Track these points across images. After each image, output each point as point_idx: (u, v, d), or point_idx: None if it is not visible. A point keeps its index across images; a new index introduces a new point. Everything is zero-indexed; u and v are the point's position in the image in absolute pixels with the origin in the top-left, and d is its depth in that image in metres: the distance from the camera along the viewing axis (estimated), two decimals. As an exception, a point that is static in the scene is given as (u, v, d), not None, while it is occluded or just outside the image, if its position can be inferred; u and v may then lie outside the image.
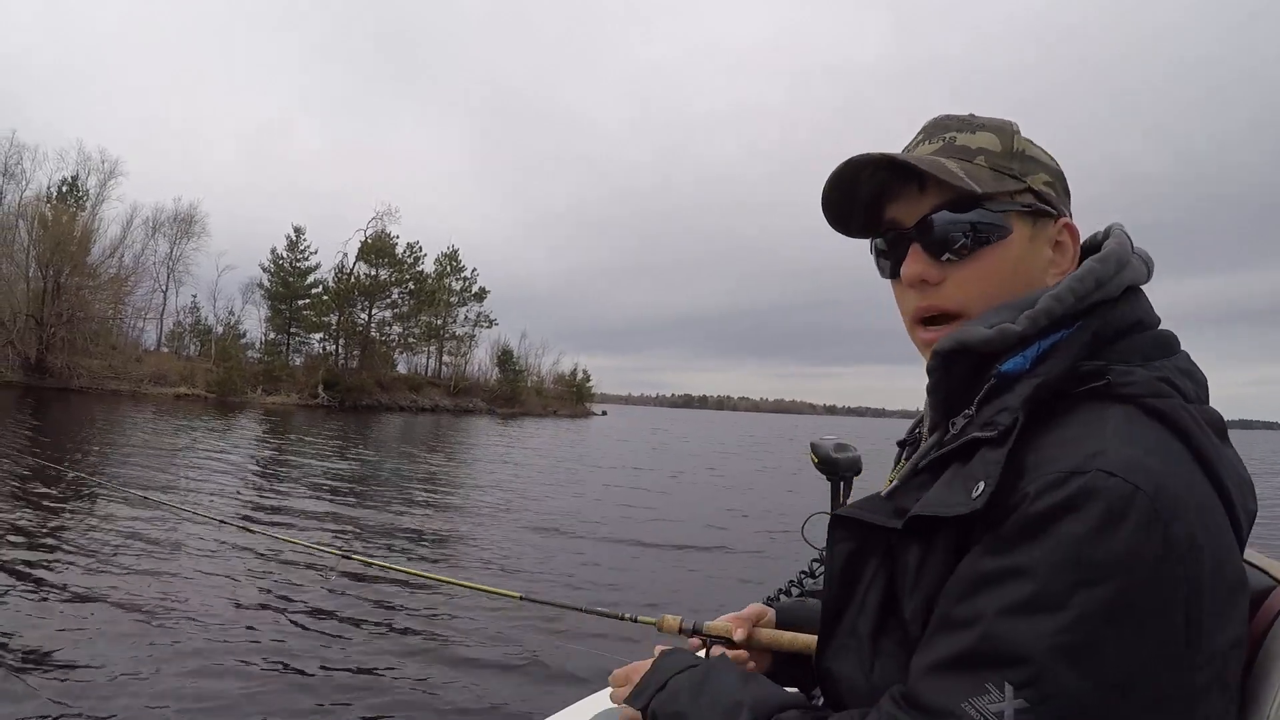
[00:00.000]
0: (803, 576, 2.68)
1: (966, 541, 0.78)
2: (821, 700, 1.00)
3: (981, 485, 0.78)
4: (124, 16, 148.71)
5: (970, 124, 0.94)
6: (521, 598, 2.13)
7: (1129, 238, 0.93)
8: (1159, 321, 0.90)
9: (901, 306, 0.98)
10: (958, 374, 0.90)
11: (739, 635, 1.23)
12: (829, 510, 2.21)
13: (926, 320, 0.95)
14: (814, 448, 2.41)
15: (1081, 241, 0.95)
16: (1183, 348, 0.90)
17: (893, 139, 0.99)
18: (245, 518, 10.30)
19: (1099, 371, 0.81)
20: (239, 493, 13.15)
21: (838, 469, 2.37)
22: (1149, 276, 0.92)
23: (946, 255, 0.91)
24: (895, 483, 0.95)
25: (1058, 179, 0.94)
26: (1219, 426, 0.83)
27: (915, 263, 0.92)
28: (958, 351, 0.89)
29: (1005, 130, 0.93)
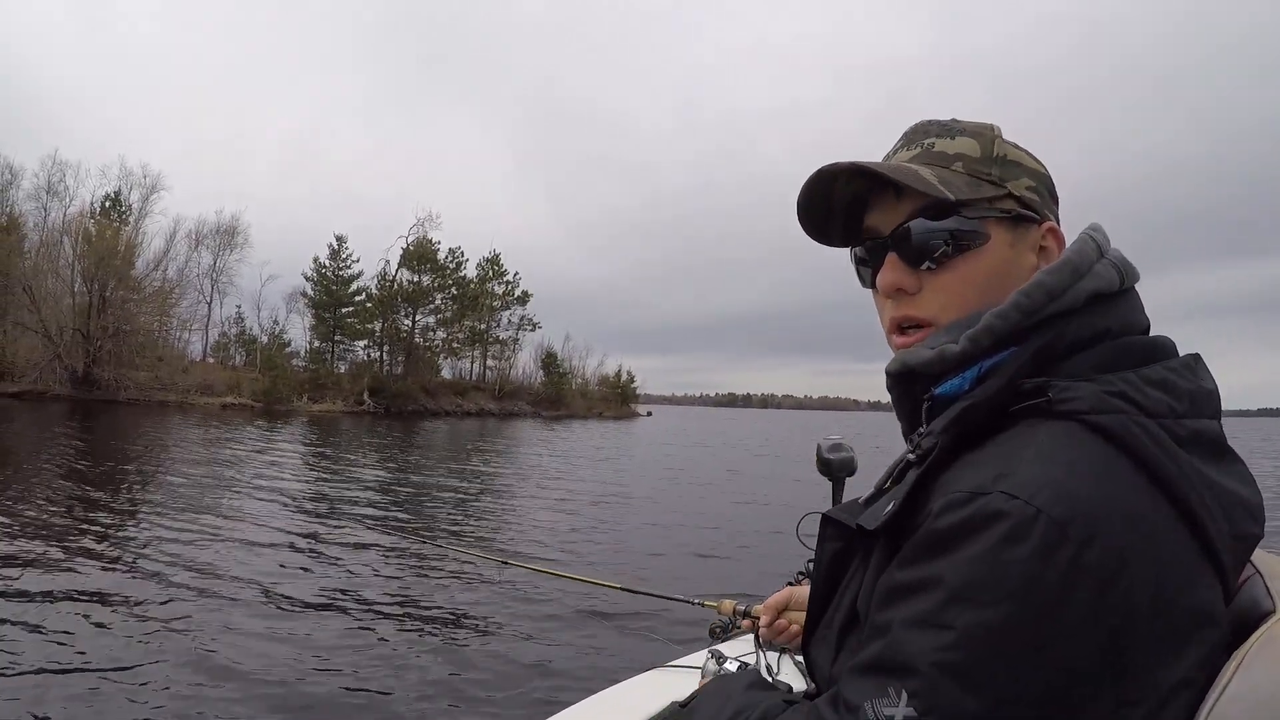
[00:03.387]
0: (800, 578, 2.60)
1: (895, 553, 0.80)
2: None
3: (891, 506, 0.80)
4: (158, 33, 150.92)
5: (950, 129, 0.92)
6: (621, 588, 2.36)
7: (1098, 241, 0.88)
8: (1144, 327, 0.86)
9: (880, 315, 0.97)
10: (910, 394, 0.91)
11: (763, 620, 1.42)
12: (822, 511, 2.05)
13: (904, 328, 0.93)
14: (817, 448, 2.48)
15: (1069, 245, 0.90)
16: (1197, 344, 0.86)
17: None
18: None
19: (1040, 388, 0.78)
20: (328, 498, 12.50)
21: (831, 470, 2.44)
22: (1123, 283, 0.86)
23: (924, 264, 0.90)
24: (872, 490, 0.98)
25: (1042, 182, 0.91)
26: (1208, 443, 0.80)
27: (891, 271, 0.91)
28: (904, 374, 0.90)
29: (985, 135, 0.91)
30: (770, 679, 1.64)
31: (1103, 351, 0.81)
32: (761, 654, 1.72)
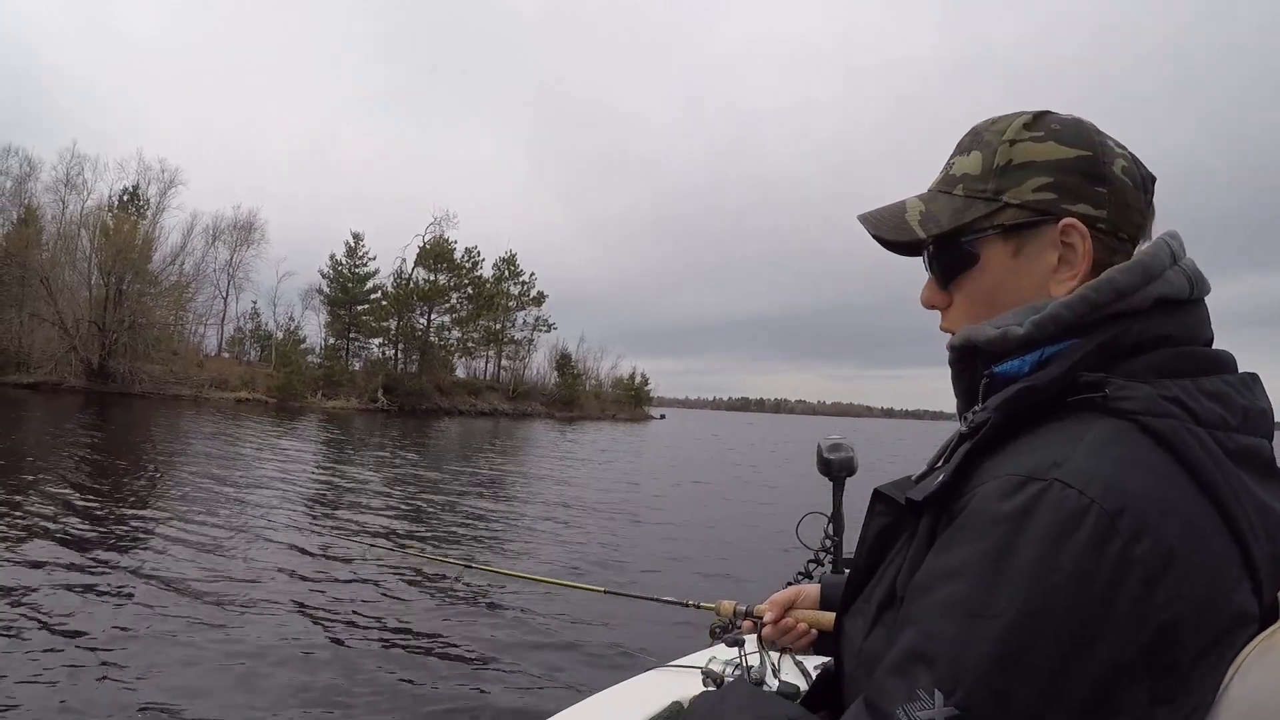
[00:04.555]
0: (800, 578, 2.60)
1: (938, 529, 0.80)
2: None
3: (942, 478, 0.81)
4: (169, 28, 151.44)
5: (975, 141, 0.93)
6: (605, 591, 2.29)
7: (1173, 248, 0.87)
8: (1205, 339, 0.86)
9: None
10: (970, 370, 0.93)
11: (767, 617, 1.35)
12: (823, 511, 2.50)
13: None
14: (818, 448, 2.48)
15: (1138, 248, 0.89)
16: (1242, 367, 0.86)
17: (945, 132, 1.03)
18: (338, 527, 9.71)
19: (1098, 383, 0.79)
20: (327, 503, 12.39)
21: (830, 469, 2.46)
22: (1192, 292, 0.86)
23: (945, 285, 0.96)
24: (925, 467, 0.97)
25: (1065, 172, 0.87)
26: (1257, 460, 0.80)
27: (925, 290, 0.99)
28: (968, 349, 0.92)
29: (992, 144, 0.91)
30: (777, 679, 1.59)
31: (1163, 356, 0.81)
32: (765, 655, 1.62)
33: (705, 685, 1.67)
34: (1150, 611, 0.66)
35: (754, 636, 1.45)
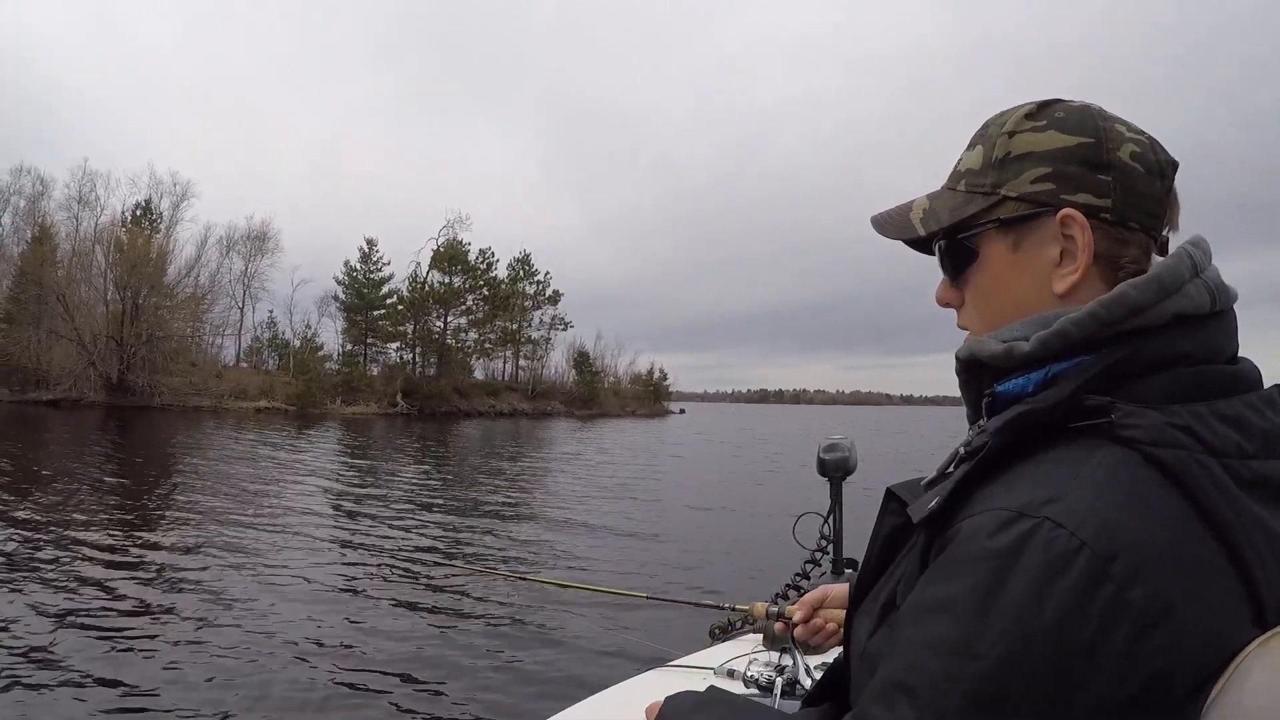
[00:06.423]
0: (797, 579, 2.69)
1: (931, 551, 0.79)
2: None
3: (935, 502, 0.79)
4: (178, 43, 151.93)
5: (980, 136, 0.91)
6: (647, 597, 2.49)
7: (1194, 259, 0.81)
8: (1230, 354, 0.82)
9: None
10: (976, 384, 0.90)
11: (797, 617, 1.39)
12: (819, 511, 2.55)
13: None
14: (817, 449, 2.52)
15: (1158, 256, 0.85)
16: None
17: (953, 120, 0.82)
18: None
19: (1103, 408, 0.75)
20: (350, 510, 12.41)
21: (827, 470, 2.48)
22: (1214, 305, 0.80)
23: (954, 281, 0.94)
24: (934, 474, 0.94)
25: (1063, 160, 0.83)
26: (1275, 487, 0.75)
27: (939, 287, 0.97)
28: (973, 363, 0.89)
29: (992, 137, 0.89)
30: (796, 678, 1.64)
31: (1178, 378, 0.77)
32: (795, 655, 1.63)
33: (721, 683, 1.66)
34: (1141, 659, 0.64)
35: (753, 637, 1.46)
